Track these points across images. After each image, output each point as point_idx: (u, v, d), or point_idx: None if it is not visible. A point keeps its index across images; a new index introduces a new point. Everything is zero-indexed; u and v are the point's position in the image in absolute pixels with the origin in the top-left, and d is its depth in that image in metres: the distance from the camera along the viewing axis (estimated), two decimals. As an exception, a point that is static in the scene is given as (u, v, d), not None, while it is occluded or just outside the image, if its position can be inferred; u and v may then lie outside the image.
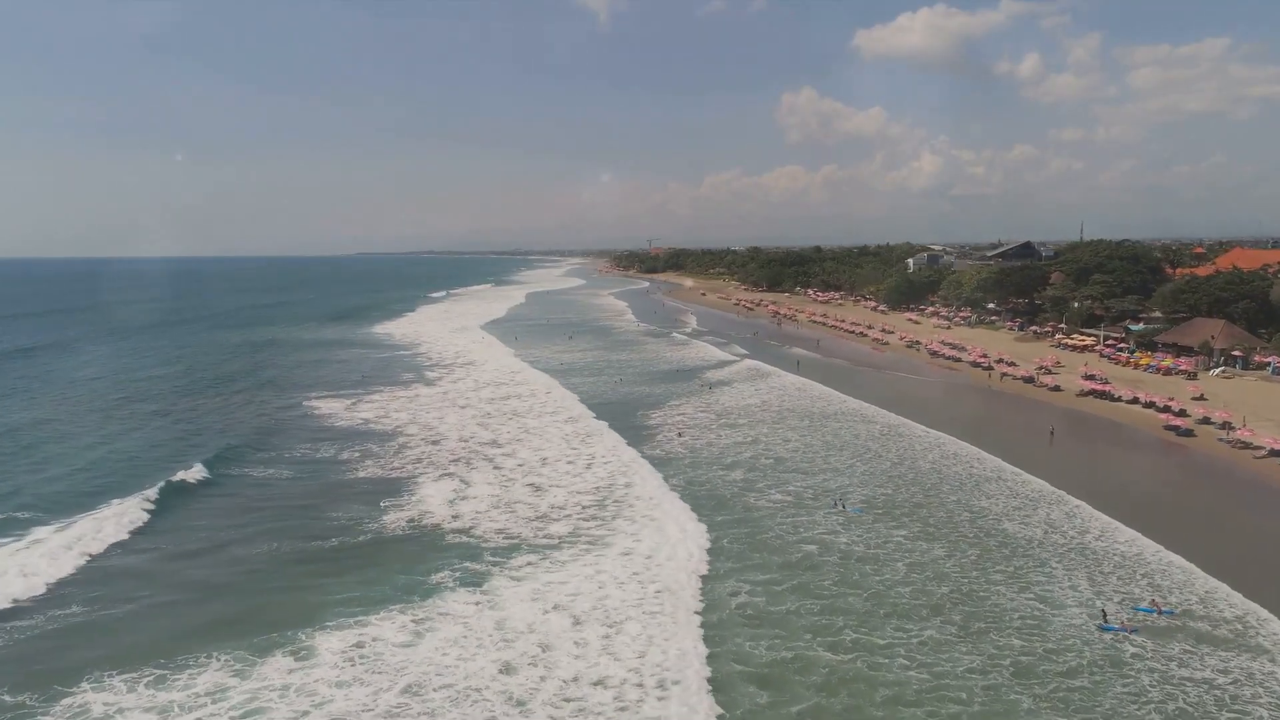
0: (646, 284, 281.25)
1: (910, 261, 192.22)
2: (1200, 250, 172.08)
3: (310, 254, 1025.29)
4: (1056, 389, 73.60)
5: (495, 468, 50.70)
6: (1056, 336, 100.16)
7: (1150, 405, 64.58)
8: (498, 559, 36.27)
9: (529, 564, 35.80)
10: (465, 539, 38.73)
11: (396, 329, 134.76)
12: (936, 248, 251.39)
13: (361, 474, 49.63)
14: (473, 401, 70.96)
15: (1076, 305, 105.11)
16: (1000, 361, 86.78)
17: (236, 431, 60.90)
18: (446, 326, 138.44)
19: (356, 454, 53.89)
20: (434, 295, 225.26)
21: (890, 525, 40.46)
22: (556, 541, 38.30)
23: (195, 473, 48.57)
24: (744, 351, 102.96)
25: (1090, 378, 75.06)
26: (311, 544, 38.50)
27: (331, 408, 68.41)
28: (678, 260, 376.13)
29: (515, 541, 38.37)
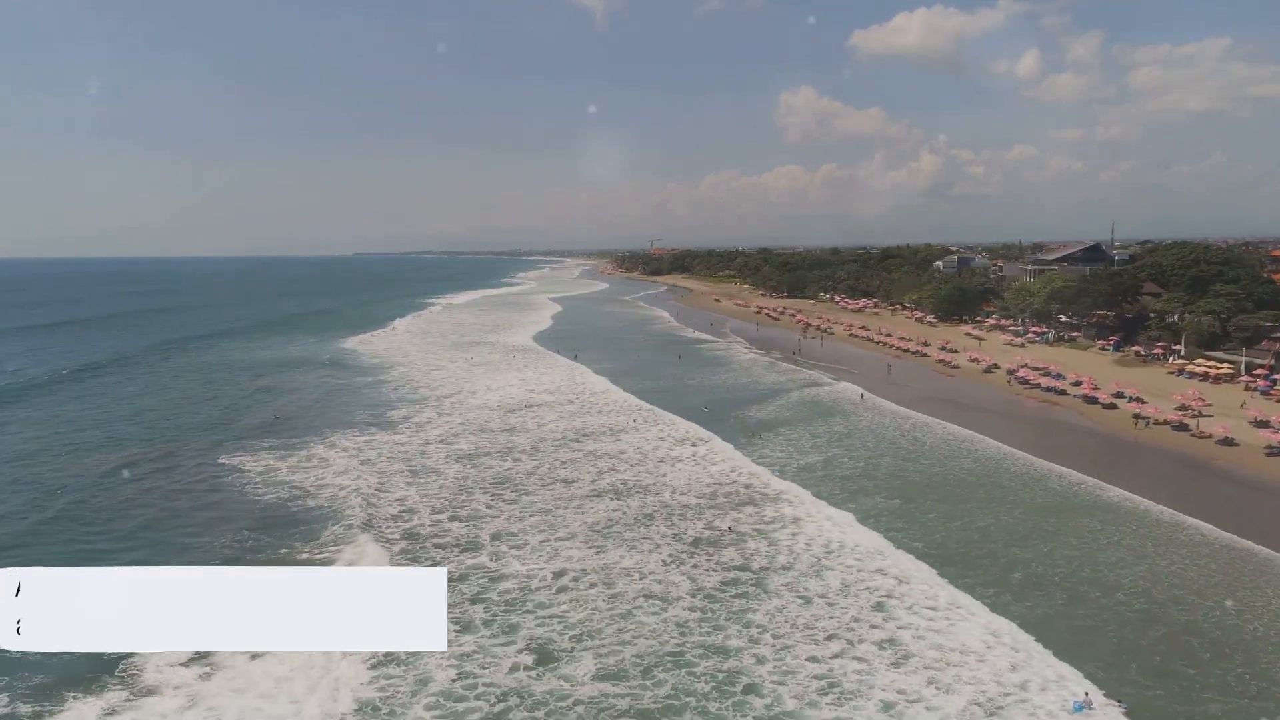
0: (664, 287, 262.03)
1: (939, 264, 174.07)
2: (1278, 253, 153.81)
3: (310, 254, 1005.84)
4: (1229, 442, 55.09)
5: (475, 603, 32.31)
6: (1172, 361, 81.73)
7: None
8: None
9: None
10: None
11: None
12: (954, 248, 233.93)
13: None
14: (438, 463, 52.47)
15: (1178, 320, 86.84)
16: (1120, 396, 68.58)
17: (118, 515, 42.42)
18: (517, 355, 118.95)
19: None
20: (454, 300, 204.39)
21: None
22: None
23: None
24: (786, 378, 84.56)
25: (1264, 424, 56.81)
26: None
27: (263, 465, 50.02)
28: (683, 262, 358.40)
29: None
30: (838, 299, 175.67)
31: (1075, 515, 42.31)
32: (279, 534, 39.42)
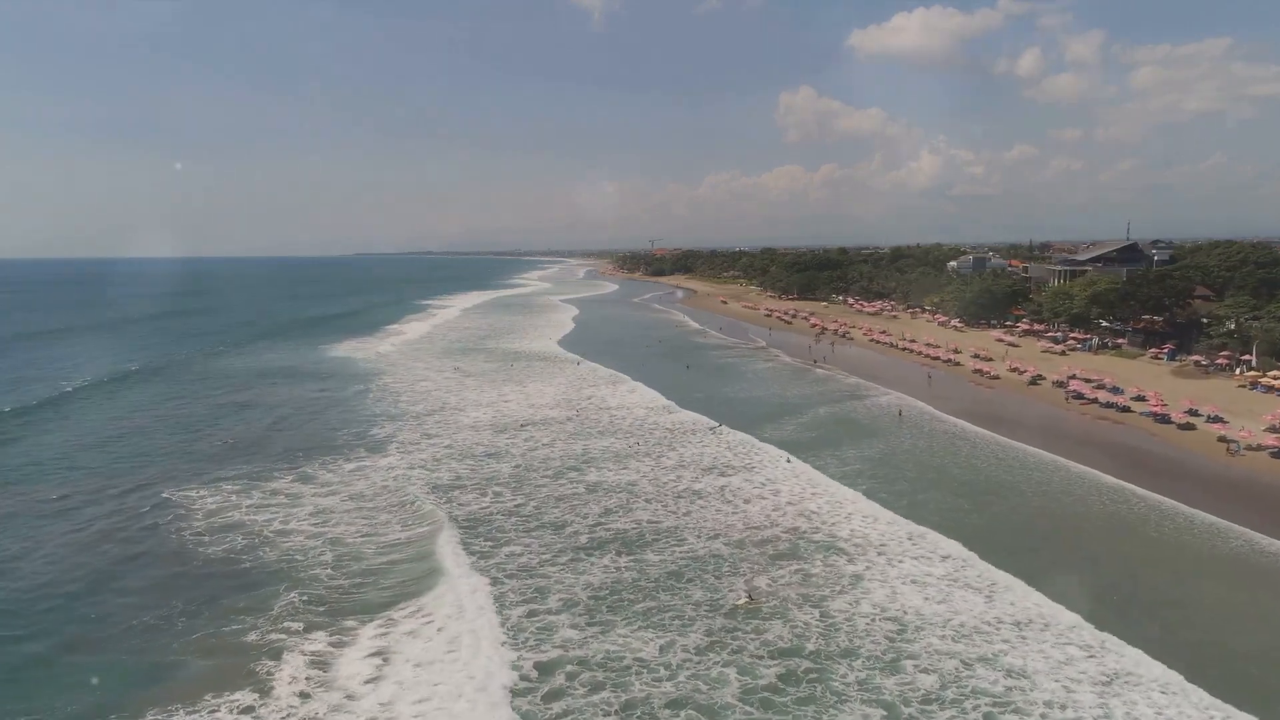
0: (670, 289, 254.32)
1: (954, 265, 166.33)
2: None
3: (310, 254, 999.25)
4: (1346, 474, 47.37)
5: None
6: (1241, 372, 73.90)
7: None
8: None
9: None
10: None
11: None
12: (965, 249, 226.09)
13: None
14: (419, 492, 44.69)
15: (1234, 326, 79.08)
16: (1196, 414, 60.80)
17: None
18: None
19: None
20: (460, 303, 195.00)
21: None
22: None
23: None
24: (814, 390, 76.79)
25: (1377, 451, 49.10)
26: None
27: (221, 503, 42.28)
28: (686, 262, 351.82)
29: None
30: (851, 301, 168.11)
31: (1206, 578, 34.54)
32: (219, 607, 31.65)
